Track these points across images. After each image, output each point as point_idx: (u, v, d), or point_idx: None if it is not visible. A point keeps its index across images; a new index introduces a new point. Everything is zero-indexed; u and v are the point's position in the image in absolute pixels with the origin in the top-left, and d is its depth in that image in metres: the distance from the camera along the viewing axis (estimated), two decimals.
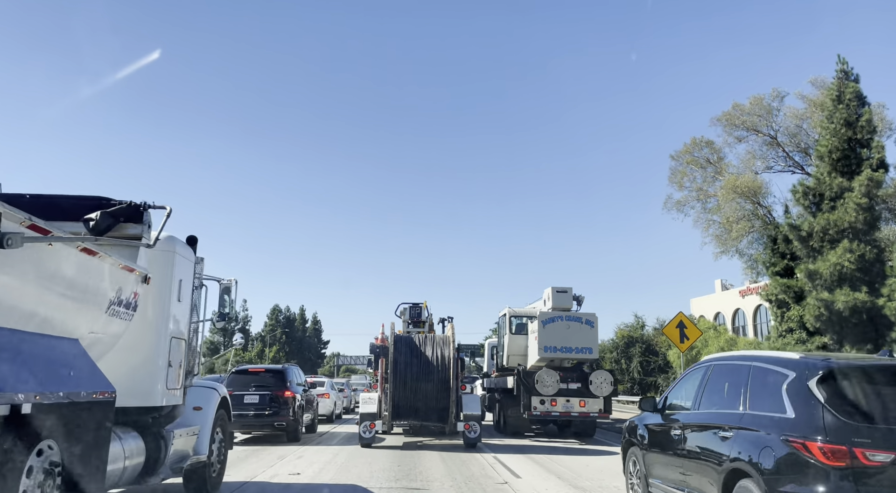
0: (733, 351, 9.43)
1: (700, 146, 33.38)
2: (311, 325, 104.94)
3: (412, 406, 15.27)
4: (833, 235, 23.64)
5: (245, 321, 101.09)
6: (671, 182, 33.95)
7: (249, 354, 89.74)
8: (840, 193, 23.80)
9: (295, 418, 15.00)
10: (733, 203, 29.38)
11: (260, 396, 14.76)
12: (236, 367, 17.39)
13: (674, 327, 18.22)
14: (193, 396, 7.80)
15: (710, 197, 32.87)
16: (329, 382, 25.26)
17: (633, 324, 47.62)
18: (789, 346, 26.18)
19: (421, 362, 15.35)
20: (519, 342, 19.39)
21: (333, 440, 16.48)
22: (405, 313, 18.63)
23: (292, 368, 16.64)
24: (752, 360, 6.11)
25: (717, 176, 32.70)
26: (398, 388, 15.05)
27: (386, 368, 15.52)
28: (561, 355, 17.43)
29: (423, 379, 15.15)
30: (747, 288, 56.57)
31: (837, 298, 22.23)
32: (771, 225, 29.12)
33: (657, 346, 44.53)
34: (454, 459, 12.83)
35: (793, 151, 30.66)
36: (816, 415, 4.83)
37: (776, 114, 30.22)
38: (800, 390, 5.09)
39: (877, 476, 4.43)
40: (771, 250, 28.41)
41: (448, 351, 15.44)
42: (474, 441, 14.69)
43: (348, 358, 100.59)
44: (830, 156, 24.56)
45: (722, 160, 32.70)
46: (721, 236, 31.65)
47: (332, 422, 22.72)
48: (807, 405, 4.96)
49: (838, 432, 4.62)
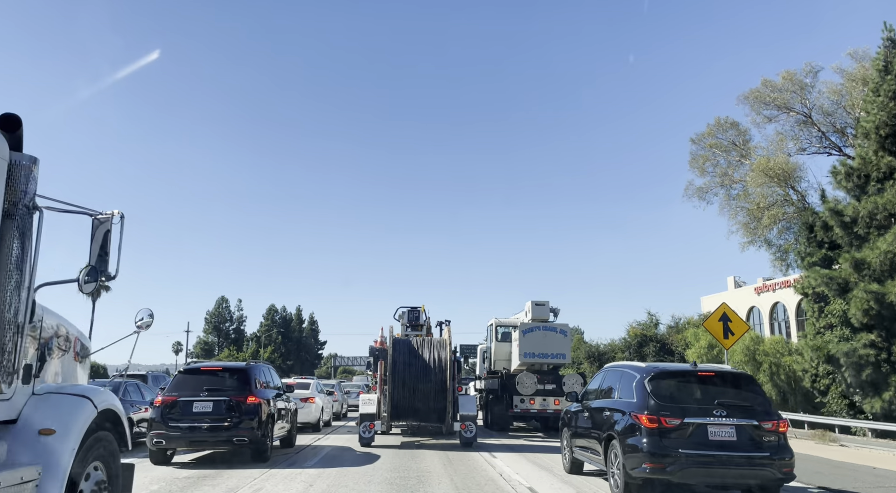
0: None
1: (724, 128, 30.80)
2: (307, 325, 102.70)
3: (410, 407, 15.86)
4: (881, 221, 21.29)
5: (240, 322, 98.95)
6: (692, 167, 31.52)
7: (244, 355, 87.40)
8: (889, 173, 21.45)
9: (262, 430, 11.64)
10: (764, 188, 26.82)
11: (214, 403, 11.42)
12: (186, 365, 13.75)
13: (716, 320, 15.83)
14: (42, 410, 4.53)
15: (734, 183, 30.43)
16: (315, 383, 21.21)
17: (645, 322, 45.12)
18: (831, 344, 23.63)
19: (419, 365, 15.90)
20: (504, 349, 21.81)
21: (314, 458, 12.99)
22: (403, 317, 19.16)
23: (259, 366, 13.12)
24: (623, 367, 10.04)
25: (743, 160, 30.24)
26: (397, 389, 15.64)
27: (385, 370, 16.04)
28: (539, 360, 19.85)
29: (421, 381, 15.71)
30: (763, 285, 54.20)
31: (889, 290, 19.81)
32: (808, 211, 26.55)
33: (672, 345, 41.97)
34: (452, 458, 13.33)
35: (829, 131, 28.08)
36: (646, 399, 8.48)
37: (810, 90, 27.69)
38: (639, 385, 8.74)
39: (672, 431, 8.17)
40: (806, 238, 25.92)
41: (445, 354, 16.05)
42: (470, 441, 15.25)
43: (345, 359, 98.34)
44: (877, 132, 22.15)
45: (748, 143, 30.23)
46: (749, 225, 29.11)
47: (317, 431, 19.21)
48: (642, 394, 8.60)
49: (655, 408, 8.31)
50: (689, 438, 8.09)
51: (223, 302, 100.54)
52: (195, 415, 11.28)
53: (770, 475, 8.02)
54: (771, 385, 30.30)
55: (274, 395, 12.93)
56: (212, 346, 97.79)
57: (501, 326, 22.47)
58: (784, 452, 8.11)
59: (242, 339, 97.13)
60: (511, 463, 12.48)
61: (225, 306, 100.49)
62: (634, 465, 8.20)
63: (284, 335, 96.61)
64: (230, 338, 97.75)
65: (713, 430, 8.10)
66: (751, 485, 8.33)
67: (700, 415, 8.20)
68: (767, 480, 8.09)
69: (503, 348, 21.83)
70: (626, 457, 8.34)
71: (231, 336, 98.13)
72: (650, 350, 42.26)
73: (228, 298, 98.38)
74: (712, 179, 31.25)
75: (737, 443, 8.05)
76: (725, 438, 8.06)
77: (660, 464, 7.99)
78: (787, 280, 49.48)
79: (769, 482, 8.14)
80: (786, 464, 8.04)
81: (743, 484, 8.38)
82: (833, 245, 24.80)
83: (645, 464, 8.06)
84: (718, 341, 16.33)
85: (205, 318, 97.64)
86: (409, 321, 18.97)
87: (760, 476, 8.07)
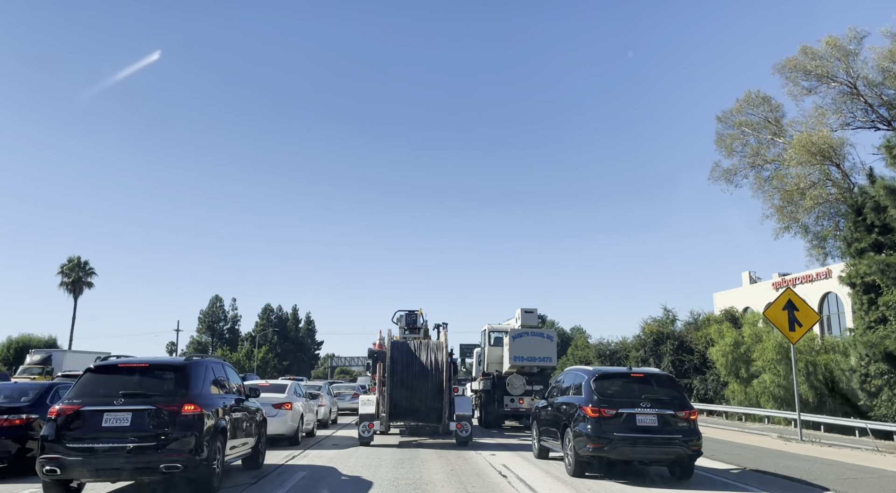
0: None
1: (754, 103, 27.77)
2: (304, 325, 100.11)
3: (408, 407, 16.43)
4: None
5: (234, 321, 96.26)
6: (718, 147, 28.44)
7: (237, 355, 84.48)
8: None
9: (204, 451, 8.38)
10: (802, 168, 23.83)
11: (134, 413, 8.13)
12: (97, 361, 9.21)
13: (780, 309, 13.06)
14: None
15: (767, 163, 27.49)
16: (293, 385, 17.00)
17: (661, 318, 42.10)
18: (888, 340, 20.66)
19: (416, 366, 16.46)
20: (496, 352, 23.31)
21: (281, 486, 9.85)
22: (401, 320, 19.79)
23: (207, 362, 9.63)
24: (577, 370, 12.75)
25: (776, 138, 27.30)
26: (395, 390, 16.23)
27: (383, 372, 16.54)
28: (527, 364, 21.38)
29: (419, 382, 16.28)
30: (782, 280, 51.09)
31: None
32: (856, 191, 23.55)
33: (691, 343, 38.96)
34: (450, 456, 13.68)
35: (876, 103, 25.10)
36: (591, 395, 11.04)
37: (854, 58, 24.69)
38: (587, 384, 11.34)
39: (609, 420, 10.57)
40: (853, 222, 22.95)
41: (441, 356, 16.62)
42: (466, 440, 15.85)
43: (343, 359, 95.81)
44: None
45: (780, 121, 27.25)
46: (784, 208, 26.16)
47: (295, 445, 15.50)
48: (588, 391, 11.17)
49: (597, 402, 10.82)
50: (622, 424, 10.52)
51: (217, 301, 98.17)
52: (105, 432, 7.99)
53: (682, 451, 10.52)
54: (807, 386, 27.38)
55: (231, 402, 9.81)
56: (205, 346, 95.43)
57: (494, 331, 24.09)
58: (693, 434, 10.62)
59: (237, 339, 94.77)
60: (500, 455, 13.95)
61: (219, 305, 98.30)
62: (581, 446, 10.70)
63: (280, 335, 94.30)
64: (224, 338, 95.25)
65: (640, 418, 10.57)
66: (669, 459, 10.83)
67: (630, 407, 10.66)
68: (680, 455, 10.61)
69: (495, 352, 23.32)
70: (576, 440, 10.87)
71: (225, 336, 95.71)
72: (667, 349, 39.27)
73: (223, 297, 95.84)
74: (741, 160, 28.28)
75: (658, 428, 10.50)
76: (649, 424, 10.52)
77: (599, 444, 10.46)
78: (809, 274, 46.30)
79: (682, 458, 10.66)
80: (694, 443, 10.56)
81: (663, 459, 10.87)
82: (886, 228, 21.89)
83: (589, 445, 10.55)
84: (784, 335, 13.40)
85: (198, 317, 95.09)
86: (406, 324, 19.66)
87: (675, 453, 10.57)
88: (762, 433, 22.40)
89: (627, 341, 45.46)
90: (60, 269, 59.08)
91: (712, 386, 35.77)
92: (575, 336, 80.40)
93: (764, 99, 27.74)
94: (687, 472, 10.80)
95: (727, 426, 25.88)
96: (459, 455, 13.75)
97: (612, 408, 10.53)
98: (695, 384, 37.41)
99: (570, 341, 76.48)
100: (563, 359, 61.33)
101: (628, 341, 45.39)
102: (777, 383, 28.49)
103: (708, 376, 36.55)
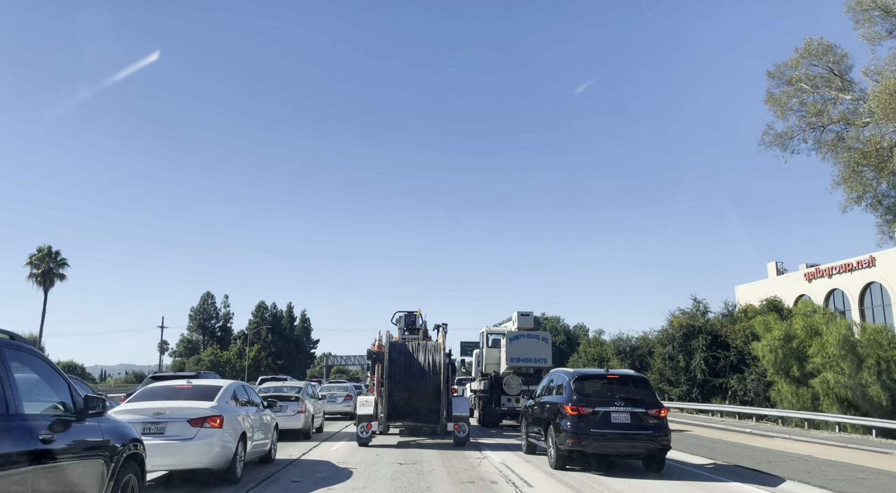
0: None
1: (816, 52, 23.19)
2: (299, 323, 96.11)
3: (407, 408, 16.99)
4: None
5: (226, 319, 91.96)
6: (769, 107, 23.92)
7: (228, 354, 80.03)
8: None
9: None
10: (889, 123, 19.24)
11: None
12: None
13: None
14: None
15: (833, 123, 22.99)
16: (231, 387, 10.92)
17: (690, 310, 37.47)
18: None
19: (414, 368, 16.91)
20: (494, 354, 23.97)
21: None
22: (400, 321, 20.00)
23: None
24: (561, 372, 13.96)
25: (841, 94, 22.80)
26: (393, 391, 16.75)
27: (382, 372, 16.89)
28: (523, 365, 22.53)
29: (417, 383, 16.76)
30: (815, 270, 46.20)
31: None
32: None
33: (727, 337, 34.29)
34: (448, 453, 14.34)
35: None
36: (571, 395, 12.15)
37: None
38: (568, 384, 12.49)
39: (587, 417, 11.74)
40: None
41: (439, 357, 17.02)
42: (463, 440, 16.33)
43: (339, 358, 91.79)
44: None
45: (845, 77, 22.62)
46: (855, 176, 21.60)
47: (267, 462, 12.27)
48: (569, 390, 12.30)
49: (576, 401, 11.99)
50: (599, 421, 11.76)
51: (209, 298, 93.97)
52: None
53: (653, 445, 11.79)
54: (879, 386, 22.74)
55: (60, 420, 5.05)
56: (196, 344, 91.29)
57: (492, 333, 24.91)
58: (663, 430, 11.84)
59: (229, 337, 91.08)
60: (495, 453, 14.73)
61: (210, 303, 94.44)
62: (562, 441, 11.93)
63: (275, 333, 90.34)
64: (216, 336, 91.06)
65: (615, 415, 11.80)
66: (641, 453, 12.13)
67: (606, 405, 11.92)
68: (651, 449, 11.89)
69: (493, 354, 23.98)
70: (557, 436, 12.11)
71: (217, 334, 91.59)
72: (699, 344, 34.64)
73: (214, 294, 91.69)
74: (800, 120, 23.74)
75: (631, 424, 11.74)
76: (623, 421, 11.75)
77: (578, 439, 11.70)
78: (849, 263, 41.48)
79: (653, 451, 11.92)
80: (664, 438, 11.79)
81: (636, 453, 12.18)
82: None
83: (568, 440, 11.79)
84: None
85: (189, 314, 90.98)
86: (405, 325, 19.82)
87: (646, 447, 11.85)
88: (849, 445, 17.84)
89: (649, 337, 40.92)
90: (29, 259, 54.58)
91: (752, 386, 31.13)
92: (579, 334, 76.48)
93: (827, 48, 23.21)
94: (659, 465, 12.10)
95: (785, 434, 21.28)
96: (458, 454, 14.40)
97: (590, 407, 11.86)
98: (731, 384, 32.71)
99: (575, 339, 72.55)
100: (575, 357, 56.82)
101: (650, 336, 40.87)
102: (843, 383, 23.90)
103: (747, 374, 31.88)
